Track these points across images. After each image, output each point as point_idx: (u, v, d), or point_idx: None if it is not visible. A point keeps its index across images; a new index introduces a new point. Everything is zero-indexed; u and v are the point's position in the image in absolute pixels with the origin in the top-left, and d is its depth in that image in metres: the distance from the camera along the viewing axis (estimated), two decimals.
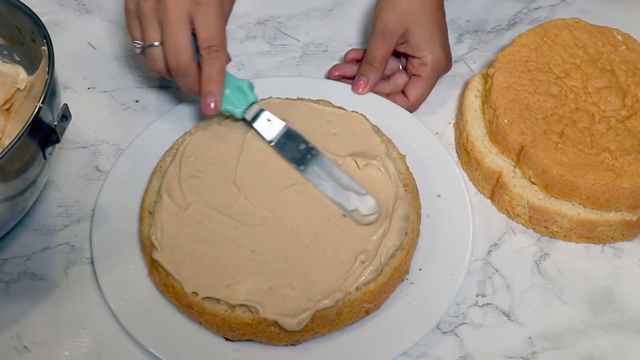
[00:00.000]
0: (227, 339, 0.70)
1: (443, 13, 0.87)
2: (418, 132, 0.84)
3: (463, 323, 0.74)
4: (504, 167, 0.80)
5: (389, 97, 0.87)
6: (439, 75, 0.87)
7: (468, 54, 0.96)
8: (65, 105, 0.68)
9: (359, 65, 0.87)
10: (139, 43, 0.75)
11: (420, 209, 0.77)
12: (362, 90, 0.86)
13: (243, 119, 0.79)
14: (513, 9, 1.01)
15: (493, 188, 0.82)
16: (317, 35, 0.97)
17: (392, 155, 0.78)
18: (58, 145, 0.70)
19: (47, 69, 0.69)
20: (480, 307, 0.75)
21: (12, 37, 0.79)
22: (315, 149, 0.77)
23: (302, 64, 0.94)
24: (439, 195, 0.79)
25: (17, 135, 0.64)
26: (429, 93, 0.87)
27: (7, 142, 0.72)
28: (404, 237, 0.73)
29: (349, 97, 0.86)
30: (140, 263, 0.75)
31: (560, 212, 0.77)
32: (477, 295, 0.76)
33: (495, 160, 0.81)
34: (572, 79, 0.82)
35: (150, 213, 0.75)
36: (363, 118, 0.81)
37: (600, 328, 0.74)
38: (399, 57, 0.89)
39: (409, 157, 0.80)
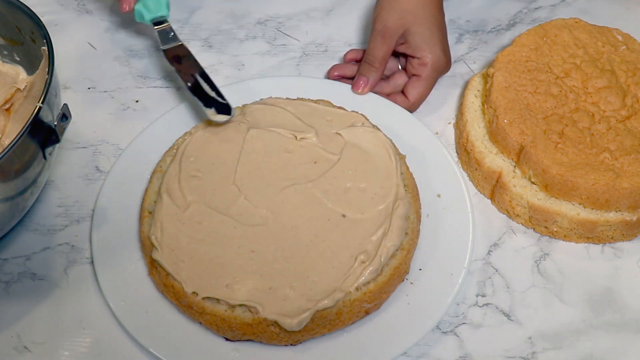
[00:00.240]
0: (227, 339, 0.70)
1: (442, 13, 0.87)
2: (418, 132, 0.84)
3: (463, 323, 0.74)
4: (504, 167, 0.80)
5: (389, 97, 0.87)
6: (439, 75, 0.87)
7: (468, 54, 0.96)
8: (65, 105, 0.68)
9: (359, 66, 0.87)
10: None
11: (420, 209, 0.77)
12: (362, 91, 0.86)
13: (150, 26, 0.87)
14: (513, 9, 1.01)
15: (493, 188, 0.82)
16: (317, 35, 0.97)
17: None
18: (58, 145, 0.70)
19: (47, 69, 0.69)
20: (480, 307, 0.75)
21: (12, 37, 0.79)
22: (197, 63, 0.84)
23: (302, 64, 0.94)
24: (439, 195, 0.79)
25: (17, 135, 0.64)
26: (429, 93, 0.87)
27: (7, 142, 0.72)
28: (404, 237, 0.73)
29: (349, 97, 0.86)
30: (140, 263, 0.75)
31: (560, 212, 0.77)
32: (477, 295, 0.76)
33: (495, 160, 0.81)
34: (572, 79, 0.82)
35: (150, 213, 0.75)
36: (363, 118, 0.81)
37: (600, 328, 0.74)
38: (399, 57, 0.89)
39: (409, 157, 0.80)
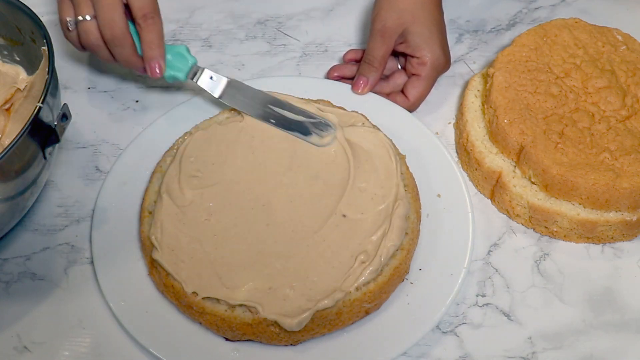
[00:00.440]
0: (227, 339, 0.70)
1: (441, 12, 0.87)
2: (418, 132, 0.84)
3: (463, 323, 0.74)
4: (504, 167, 0.80)
5: (389, 96, 0.87)
6: (438, 75, 0.87)
7: (468, 54, 0.96)
8: (65, 105, 0.68)
9: (359, 66, 0.87)
10: (72, 19, 0.77)
11: (420, 209, 0.77)
12: (361, 91, 0.86)
13: (188, 82, 0.82)
14: (513, 9, 1.01)
15: (493, 188, 0.82)
16: (317, 35, 0.97)
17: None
18: (58, 145, 0.70)
19: (47, 69, 0.69)
20: (480, 307, 0.75)
21: (12, 37, 0.79)
22: (262, 92, 0.80)
23: (302, 64, 0.94)
24: (439, 195, 0.79)
25: (17, 135, 0.64)
26: (429, 92, 0.87)
27: (7, 142, 0.72)
28: (404, 237, 0.73)
29: (349, 97, 0.86)
30: (140, 263, 0.75)
31: (560, 212, 0.77)
32: (477, 295, 0.76)
33: (495, 160, 0.81)
34: (572, 79, 0.82)
35: (150, 213, 0.75)
36: (363, 118, 0.81)
37: (600, 328, 0.74)
38: (398, 56, 0.89)
39: (409, 157, 0.80)
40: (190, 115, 0.85)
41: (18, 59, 0.81)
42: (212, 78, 0.81)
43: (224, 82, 0.82)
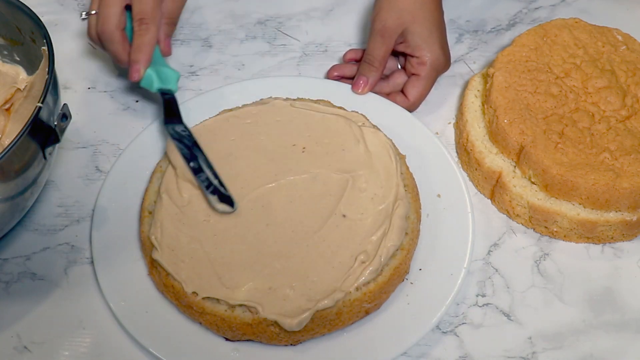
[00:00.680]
0: (227, 339, 0.70)
1: (441, 12, 0.87)
2: (418, 132, 0.83)
3: (463, 323, 0.74)
4: (504, 167, 0.80)
5: (389, 96, 0.87)
6: (438, 74, 0.87)
7: (468, 54, 0.96)
8: (65, 105, 0.68)
9: (359, 65, 0.87)
10: (85, 12, 0.82)
11: (420, 209, 0.77)
12: (361, 90, 0.86)
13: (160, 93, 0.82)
14: (513, 9, 1.01)
15: (493, 188, 0.82)
16: (317, 35, 0.97)
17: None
18: (58, 145, 0.70)
19: (47, 69, 0.69)
20: (480, 307, 0.75)
21: (12, 37, 0.79)
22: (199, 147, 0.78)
23: (302, 64, 0.94)
24: (439, 195, 0.79)
25: (17, 135, 0.64)
26: (429, 92, 0.87)
27: (7, 142, 0.72)
28: (404, 237, 0.73)
29: (349, 97, 0.86)
30: (140, 263, 0.75)
31: (560, 212, 0.77)
32: (477, 295, 0.76)
33: (495, 160, 0.81)
34: (572, 79, 0.82)
35: (150, 213, 0.75)
36: (363, 118, 0.81)
37: (600, 328, 0.74)
38: (398, 56, 0.89)
39: (409, 157, 0.80)
40: (191, 116, 0.85)
41: (18, 59, 0.81)
42: (174, 110, 0.81)
43: (180, 123, 0.80)
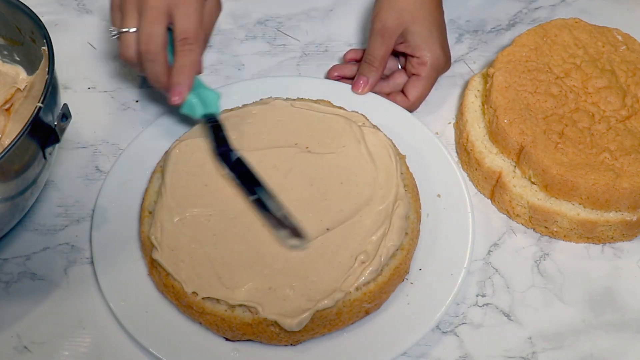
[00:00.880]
0: (227, 339, 0.70)
1: (441, 12, 0.87)
2: (418, 132, 0.84)
3: (463, 323, 0.74)
4: (504, 167, 0.80)
5: (389, 96, 0.87)
6: (438, 75, 0.87)
7: (468, 54, 0.96)
8: (65, 105, 0.68)
9: (359, 65, 0.87)
10: (115, 29, 0.76)
11: (420, 209, 0.77)
12: (362, 90, 0.86)
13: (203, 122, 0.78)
14: (513, 9, 1.01)
15: (493, 188, 0.82)
16: (317, 35, 0.97)
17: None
18: (58, 145, 0.70)
19: (47, 69, 0.69)
20: (480, 307, 0.75)
21: (12, 37, 0.79)
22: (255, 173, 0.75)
23: (302, 64, 0.94)
24: (439, 195, 0.79)
25: (17, 135, 0.64)
26: (429, 92, 0.87)
27: (7, 142, 0.72)
28: (404, 237, 0.73)
29: (349, 97, 0.86)
30: (140, 263, 0.75)
31: (560, 212, 0.77)
32: (477, 295, 0.76)
33: (495, 160, 0.81)
34: (572, 79, 0.82)
35: (150, 213, 0.75)
36: (363, 118, 0.81)
37: (600, 328, 0.74)
38: (398, 56, 0.89)
39: (409, 157, 0.80)
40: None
41: (18, 59, 0.81)
42: (220, 135, 0.77)
43: (229, 147, 0.77)
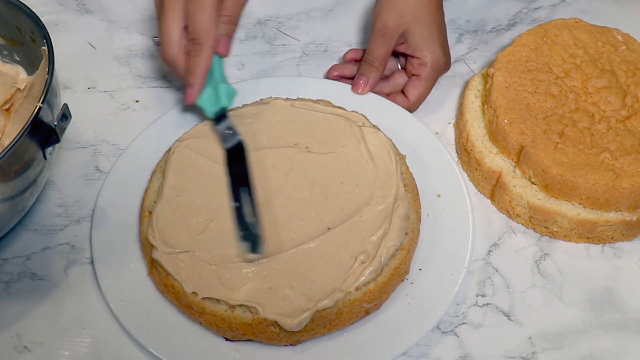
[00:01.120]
0: (227, 339, 0.70)
1: (442, 13, 0.87)
2: (418, 132, 0.83)
3: (463, 323, 0.74)
4: (504, 167, 0.80)
5: (389, 97, 0.87)
6: (439, 75, 0.87)
7: (468, 54, 0.96)
8: (65, 105, 0.68)
9: (359, 65, 0.87)
10: (157, 37, 0.78)
11: (420, 209, 0.77)
12: (362, 90, 0.86)
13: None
14: (513, 9, 1.01)
15: (493, 188, 0.82)
16: (317, 35, 0.97)
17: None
18: (58, 145, 0.70)
19: (47, 69, 0.69)
20: (480, 307, 0.75)
21: (12, 37, 0.79)
22: (251, 178, 0.75)
23: (302, 64, 0.94)
24: (439, 195, 0.79)
25: (17, 135, 0.64)
26: (429, 93, 0.87)
27: (7, 142, 0.72)
28: (404, 237, 0.73)
29: (349, 97, 0.86)
30: (140, 263, 0.75)
31: (560, 212, 0.77)
32: (477, 295, 0.76)
33: (495, 160, 0.81)
34: (572, 79, 0.82)
35: (150, 213, 0.75)
36: (363, 118, 0.81)
37: (600, 328, 0.74)
38: (398, 57, 0.89)
39: (409, 157, 0.80)
40: (191, 116, 0.85)
41: (18, 59, 0.81)
42: (229, 130, 0.77)
43: (236, 139, 0.77)
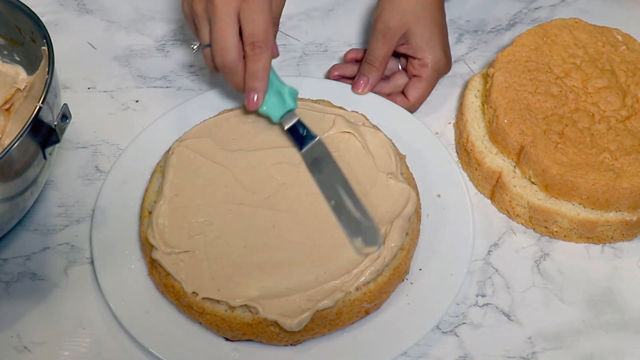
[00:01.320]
0: (227, 339, 0.70)
1: (443, 14, 0.87)
2: (418, 132, 0.83)
3: (463, 323, 0.74)
4: (504, 167, 0.80)
5: (389, 97, 0.87)
6: (439, 76, 0.87)
7: (468, 54, 0.96)
8: (65, 105, 0.68)
9: (359, 65, 0.87)
10: (195, 43, 0.76)
11: (420, 209, 0.77)
12: (362, 91, 0.86)
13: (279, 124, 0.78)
14: (513, 9, 1.01)
15: (493, 188, 0.82)
16: (317, 35, 0.97)
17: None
18: (58, 145, 0.70)
19: (47, 69, 0.69)
20: (480, 307, 0.75)
21: (12, 37, 0.79)
22: (340, 171, 0.75)
23: (302, 64, 0.94)
24: (439, 195, 0.79)
25: (17, 135, 0.64)
26: (429, 94, 0.87)
27: (7, 142, 0.72)
28: (404, 237, 0.73)
29: (349, 97, 0.86)
30: (140, 263, 0.75)
31: (560, 212, 0.77)
32: (477, 295, 0.76)
33: (495, 160, 0.81)
34: (572, 79, 0.82)
35: (150, 213, 0.75)
36: (363, 118, 0.81)
37: (600, 328, 0.74)
38: (399, 57, 0.89)
39: (409, 157, 0.80)
40: (191, 116, 0.85)
41: (18, 59, 0.81)
42: (301, 132, 0.77)
43: (314, 140, 0.77)
